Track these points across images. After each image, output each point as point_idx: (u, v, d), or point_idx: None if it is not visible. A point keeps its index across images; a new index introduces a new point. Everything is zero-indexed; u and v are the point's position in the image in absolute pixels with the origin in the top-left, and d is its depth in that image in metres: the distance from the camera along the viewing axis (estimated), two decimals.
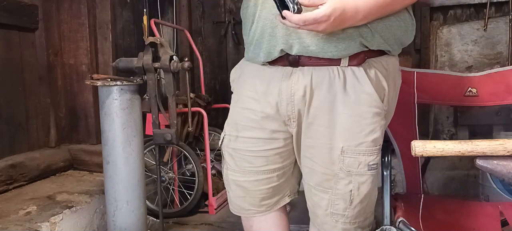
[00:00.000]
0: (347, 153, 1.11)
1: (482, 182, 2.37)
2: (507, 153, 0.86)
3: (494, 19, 2.85)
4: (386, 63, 1.13)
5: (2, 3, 2.21)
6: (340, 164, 1.12)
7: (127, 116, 1.86)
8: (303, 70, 1.10)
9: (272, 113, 1.16)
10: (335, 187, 1.14)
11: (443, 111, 2.92)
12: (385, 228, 1.33)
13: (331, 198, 1.15)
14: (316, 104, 1.11)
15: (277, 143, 1.19)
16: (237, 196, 1.28)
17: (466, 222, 1.54)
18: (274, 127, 1.17)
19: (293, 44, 1.08)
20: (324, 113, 1.11)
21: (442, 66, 2.94)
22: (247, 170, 1.22)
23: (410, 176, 1.71)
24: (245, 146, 1.21)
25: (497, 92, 1.62)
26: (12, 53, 2.34)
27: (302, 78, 1.10)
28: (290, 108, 1.13)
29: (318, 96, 1.10)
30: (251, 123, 1.18)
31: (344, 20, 1.00)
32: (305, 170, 1.19)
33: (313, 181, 1.18)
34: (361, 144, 1.10)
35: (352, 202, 1.14)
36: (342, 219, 1.16)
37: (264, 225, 1.30)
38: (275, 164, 1.21)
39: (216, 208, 2.60)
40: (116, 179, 1.87)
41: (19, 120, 2.40)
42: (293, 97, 1.12)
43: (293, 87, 1.11)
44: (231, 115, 1.26)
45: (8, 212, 1.93)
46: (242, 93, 1.22)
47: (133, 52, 2.62)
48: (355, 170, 1.12)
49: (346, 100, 1.09)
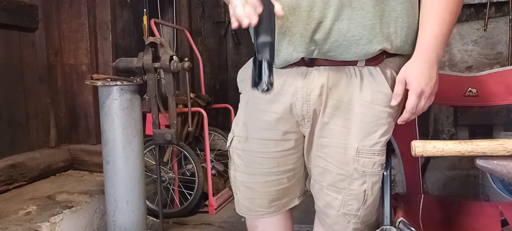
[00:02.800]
0: (362, 153, 1.10)
1: (482, 182, 2.37)
2: (507, 153, 0.86)
3: (494, 19, 2.85)
4: (400, 64, 1.12)
5: (2, 3, 2.21)
6: (355, 164, 1.11)
7: (127, 116, 1.85)
8: (320, 69, 1.09)
9: (285, 114, 1.14)
10: (348, 188, 1.13)
11: (443, 111, 2.91)
12: (385, 228, 1.33)
13: (344, 198, 1.14)
14: (333, 104, 1.10)
15: (288, 144, 1.18)
16: (246, 197, 1.26)
17: (466, 222, 1.54)
18: (286, 128, 1.16)
19: (313, 50, 1.06)
20: (340, 113, 1.10)
21: (442, 66, 2.94)
22: (257, 171, 1.21)
23: (410, 176, 1.71)
24: (256, 147, 1.20)
25: (497, 92, 1.61)
26: (12, 53, 2.35)
27: (318, 77, 1.09)
28: (305, 108, 1.12)
29: (335, 95, 1.09)
30: (264, 124, 1.17)
31: (425, 64, 1.04)
32: (317, 169, 1.18)
33: (326, 181, 1.17)
34: (376, 144, 1.10)
35: (366, 202, 1.14)
36: (354, 219, 1.16)
37: (270, 226, 1.29)
38: (286, 165, 1.20)
39: (216, 208, 2.60)
40: (116, 179, 1.87)
41: (19, 120, 2.40)
42: (309, 97, 1.10)
43: (309, 86, 1.10)
44: (240, 116, 1.25)
45: (8, 212, 1.93)
46: (253, 94, 1.19)
47: (133, 52, 2.62)
48: (370, 170, 1.12)
49: (363, 100, 1.09)
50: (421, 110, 1.06)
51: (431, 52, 1.04)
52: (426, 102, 1.05)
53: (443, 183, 2.87)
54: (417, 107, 1.04)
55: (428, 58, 1.04)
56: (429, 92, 1.04)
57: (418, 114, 1.08)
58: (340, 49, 1.05)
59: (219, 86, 3.47)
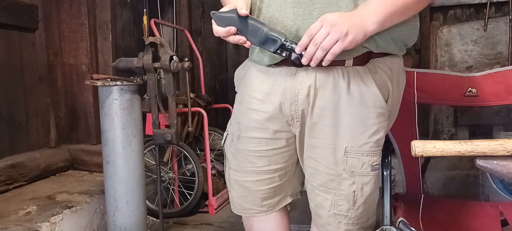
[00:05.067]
0: (350, 154, 1.11)
1: (482, 182, 2.37)
2: (507, 153, 0.86)
3: (494, 19, 2.85)
4: (390, 64, 1.13)
5: (2, 3, 2.21)
6: (344, 164, 1.11)
7: (127, 116, 1.86)
8: (308, 70, 1.10)
9: (275, 114, 1.15)
10: (338, 188, 1.14)
11: (443, 111, 2.92)
12: (385, 228, 1.33)
13: (334, 198, 1.15)
14: (320, 105, 1.11)
15: (280, 143, 1.19)
16: (239, 195, 1.28)
17: (466, 222, 1.54)
18: (277, 127, 1.17)
19: None
20: (328, 114, 1.10)
21: (442, 66, 2.94)
22: (249, 169, 1.22)
23: (410, 176, 1.71)
24: (248, 146, 1.21)
25: (497, 92, 1.61)
26: (12, 53, 2.34)
27: (306, 78, 1.10)
28: (293, 108, 1.13)
29: (322, 96, 1.10)
30: (255, 123, 1.18)
31: (350, 18, 0.98)
32: (309, 170, 1.19)
33: (316, 181, 1.17)
34: (365, 144, 1.10)
35: (355, 203, 1.14)
36: (345, 220, 1.16)
37: (264, 225, 1.30)
38: (277, 164, 1.21)
39: (216, 208, 2.60)
40: (116, 179, 1.87)
41: (19, 120, 2.40)
42: (297, 97, 1.11)
43: (297, 87, 1.11)
44: (234, 115, 1.26)
45: (8, 212, 1.93)
46: (246, 94, 1.22)
47: (133, 52, 2.63)
48: (359, 171, 1.11)
49: (351, 100, 1.09)
50: (323, 41, 0.96)
51: (368, 14, 1.00)
52: (331, 34, 0.95)
53: (443, 183, 2.87)
54: (318, 34, 0.96)
55: (362, 16, 0.99)
56: (341, 28, 0.95)
57: (323, 50, 0.97)
58: None
59: (219, 86, 3.47)
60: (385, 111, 1.12)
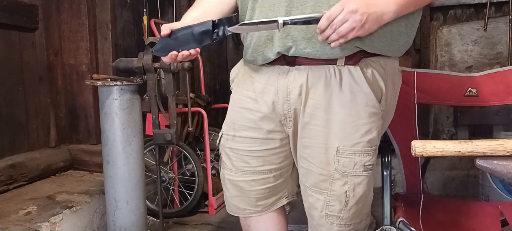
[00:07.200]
0: (342, 153, 1.10)
1: (482, 182, 2.37)
2: (507, 153, 0.86)
3: (494, 19, 2.85)
4: (384, 64, 1.12)
5: (2, 3, 2.21)
6: (336, 164, 1.11)
7: (127, 116, 1.86)
8: (300, 69, 1.10)
9: (268, 113, 1.15)
10: (330, 188, 1.13)
11: (443, 111, 2.92)
12: (385, 228, 1.33)
13: (326, 199, 1.14)
14: (312, 104, 1.10)
15: (273, 143, 1.19)
16: (233, 195, 1.27)
17: (466, 222, 1.54)
18: (270, 127, 1.17)
19: (290, 46, 1.08)
20: (320, 113, 1.10)
21: (442, 66, 2.94)
22: (243, 169, 1.22)
23: (410, 176, 1.71)
24: (242, 146, 1.21)
25: (497, 92, 1.61)
26: (12, 53, 2.34)
27: (298, 77, 1.10)
28: (286, 107, 1.13)
29: (314, 95, 1.10)
30: (249, 122, 1.18)
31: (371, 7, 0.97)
32: (301, 170, 1.19)
33: (309, 181, 1.17)
34: (357, 144, 1.09)
35: (348, 204, 1.13)
36: (337, 221, 1.15)
37: (261, 225, 1.29)
38: (272, 164, 1.21)
39: (216, 208, 2.60)
40: (116, 179, 1.87)
41: (19, 119, 2.40)
42: (289, 96, 1.11)
43: (289, 86, 1.11)
44: (229, 114, 1.26)
45: (8, 212, 1.93)
46: (240, 93, 1.22)
47: (133, 52, 2.62)
48: (351, 171, 1.11)
49: (342, 99, 1.08)
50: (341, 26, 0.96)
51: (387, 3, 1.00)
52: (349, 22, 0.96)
53: (443, 183, 2.87)
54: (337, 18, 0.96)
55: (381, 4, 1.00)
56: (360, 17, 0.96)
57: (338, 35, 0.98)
58: (316, 46, 1.05)
59: (219, 86, 3.47)
60: (378, 111, 1.11)
